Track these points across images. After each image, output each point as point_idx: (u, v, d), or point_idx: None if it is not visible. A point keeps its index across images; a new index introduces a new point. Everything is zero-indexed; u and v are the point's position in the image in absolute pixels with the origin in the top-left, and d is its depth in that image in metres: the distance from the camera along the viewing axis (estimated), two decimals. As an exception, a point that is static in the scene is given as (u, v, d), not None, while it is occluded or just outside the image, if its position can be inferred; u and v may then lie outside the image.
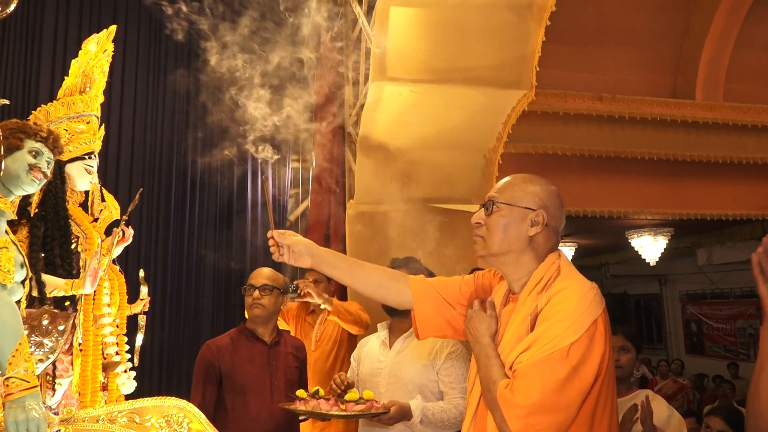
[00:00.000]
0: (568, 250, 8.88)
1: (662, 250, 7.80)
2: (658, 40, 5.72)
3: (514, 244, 1.54)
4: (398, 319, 2.65)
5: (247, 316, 2.77)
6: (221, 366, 2.58)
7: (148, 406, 1.72)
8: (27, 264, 1.89)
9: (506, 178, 1.63)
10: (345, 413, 2.15)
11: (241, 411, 2.53)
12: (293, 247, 1.73)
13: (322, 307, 3.35)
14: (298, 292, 3.28)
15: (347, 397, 2.21)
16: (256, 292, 2.68)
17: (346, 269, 1.77)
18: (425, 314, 1.73)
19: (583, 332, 1.36)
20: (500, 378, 1.41)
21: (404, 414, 2.29)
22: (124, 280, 2.79)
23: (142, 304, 3.02)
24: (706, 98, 5.63)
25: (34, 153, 2.03)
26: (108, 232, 2.69)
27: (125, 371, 2.67)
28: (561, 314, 1.39)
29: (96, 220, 2.70)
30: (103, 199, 2.81)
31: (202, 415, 1.76)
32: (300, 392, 2.29)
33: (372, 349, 2.72)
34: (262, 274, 2.75)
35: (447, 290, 1.74)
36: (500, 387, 1.38)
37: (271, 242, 1.75)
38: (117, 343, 2.66)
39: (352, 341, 3.73)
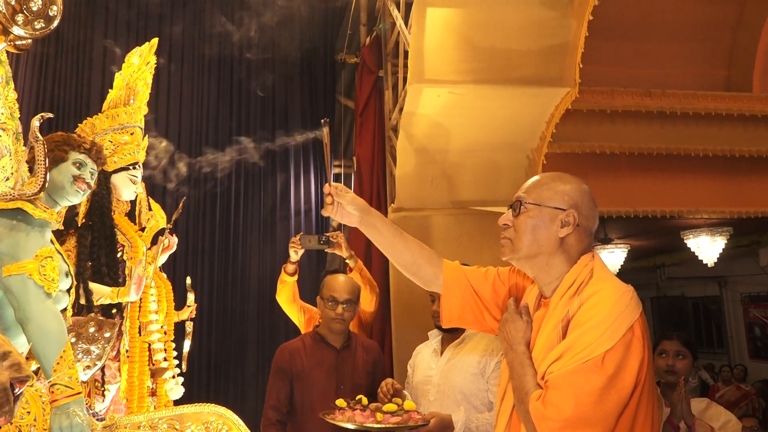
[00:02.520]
0: (620, 252, 8.58)
1: (721, 251, 7.45)
2: (709, 32, 5.48)
3: (543, 246, 1.46)
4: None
5: (320, 322, 2.81)
6: (293, 369, 2.64)
7: (188, 413, 1.74)
8: (72, 273, 1.93)
9: (535, 177, 1.55)
10: (381, 425, 2.08)
11: (308, 414, 2.56)
12: (346, 206, 1.71)
13: (347, 261, 3.41)
14: (330, 242, 3.30)
15: (385, 408, 2.14)
16: (340, 308, 2.69)
17: (387, 238, 1.74)
18: (452, 303, 1.68)
19: (618, 339, 1.27)
20: (533, 389, 1.33)
21: (445, 426, 2.20)
22: (171, 287, 2.86)
23: (189, 310, 3.08)
24: (765, 90, 5.37)
25: (78, 164, 2.09)
26: (155, 240, 2.75)
27: (173, 377, 2.72)
28: (594, 320, 1.30)
29: (143, 229, 2.76)
30: (149, 209, 2.87)
31: (242, 423, 1.77)
32: (340, 401, 2.25)
33: (425, 356, 2.69)
34: (345, 288, 2.74)
35: (480, 285, 1.67)
36: (532, 399, 1.31)
37: (327, 196, 1.73)
38: (165, 350, 2.71)
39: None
